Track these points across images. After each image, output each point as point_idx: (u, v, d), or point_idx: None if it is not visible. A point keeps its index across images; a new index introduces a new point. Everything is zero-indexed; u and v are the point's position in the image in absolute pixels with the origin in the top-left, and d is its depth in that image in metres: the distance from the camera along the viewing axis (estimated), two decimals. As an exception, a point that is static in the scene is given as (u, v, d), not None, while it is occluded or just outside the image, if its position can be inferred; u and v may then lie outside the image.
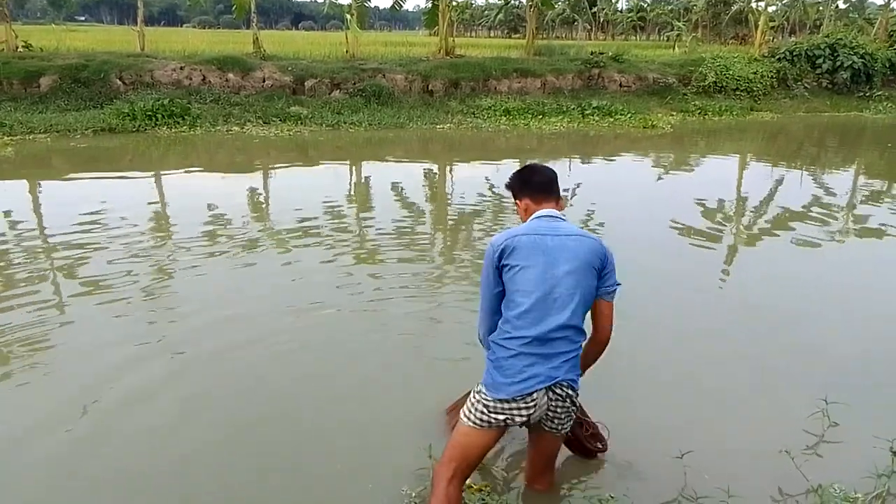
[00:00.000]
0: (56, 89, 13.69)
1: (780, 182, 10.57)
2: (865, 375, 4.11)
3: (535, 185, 2.77)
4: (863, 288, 5.72)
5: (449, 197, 9.13)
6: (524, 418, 2.52)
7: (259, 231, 6.93)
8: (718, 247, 6.86)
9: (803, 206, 8.62)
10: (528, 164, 2.92)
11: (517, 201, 2.82)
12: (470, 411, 2.58)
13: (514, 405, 2.49)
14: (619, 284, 2.67)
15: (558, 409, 2.55)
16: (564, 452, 3.09)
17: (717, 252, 6.69)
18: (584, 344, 2.62)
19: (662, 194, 9.54)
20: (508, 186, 2.86)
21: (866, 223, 7.96)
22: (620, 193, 9.33)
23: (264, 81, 15.39)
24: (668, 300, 5.26)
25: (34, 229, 6.85)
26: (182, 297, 5.12)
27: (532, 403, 2.49)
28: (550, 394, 2.51)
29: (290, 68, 15.77)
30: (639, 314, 4.81)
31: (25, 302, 4.91)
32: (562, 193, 2.82)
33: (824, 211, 8.46)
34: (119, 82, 14.23)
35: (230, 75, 15.18)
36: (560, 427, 2.62)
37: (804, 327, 4.84)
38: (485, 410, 2.52)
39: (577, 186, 9.60)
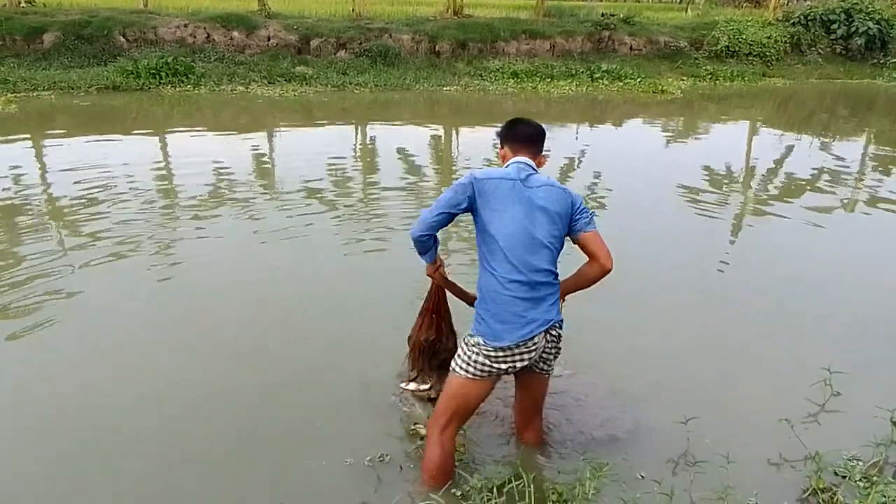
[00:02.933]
0: (59, 46, 13.52)
1: (789, 150, 10.46)
2: (869, 345, 4.13)
3: (516, 135, 2.82)
4: (870, 258, 5.70)
5: (454, 160, 9.07)
6: (525, 362, 2.62)
7: (263, 190, 6.92)
8: (724, 214, 6.82)
9: (812, 175, 8.55)
10: (518, 117, 2.95)
11: (500, 149, 2.89)
12: (468, 363, 2.63)
13: (517, 351, 2.58)
14: (594, 213, 2.73)
15: (553, 350, 2.71)
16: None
17: (722, 220, 6.65)
18: (581, 270, 2.73)
19: (670, 160, 9.45)
20: (497, 134, 2.92)
21: (876, 193, 7.89)
22: (628, 159, 9.25)
23: (269, 40, 15.17)
24: (673, 267, 5.26)
25: (39, 186, 6.85)
26: (185, 253, 5.16)
27: (534, 347, 2.60)
28: (547, 336, 2.63)
29: (295, 27, 15.53)
30: (643, 280, 4.82)
31: (32, 253, 4.94)
32: (544, 152, 2.85)
33: (833, 179, 8.38)
34: (122, 39, 14.05)
35: (234, 33, 14.96)
36: (550, 367, 2.77)
37: (809, 296, 4.85)
38: (486, 361, 2.59)
39: (585, 151, 9.51)
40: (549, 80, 15.48)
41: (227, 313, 4.27)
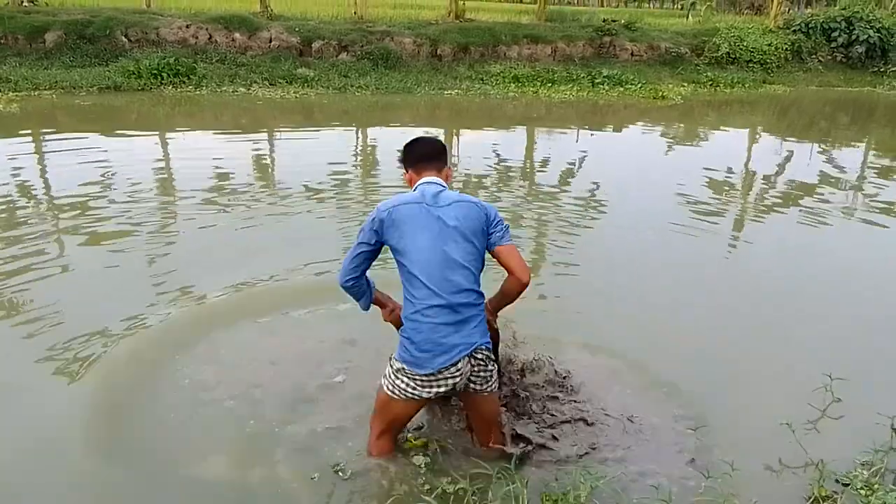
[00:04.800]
0: (61, 45, 13.52)
1: (789, 157, 10.48)
2: (869, 351, 4.13)
3: (416, 156, 2.80)
4: (870, 265, 5.70)
5: (455, 163, 9.08)
6: (450, 387, 2.60)
7: (262, 190, 6.93)
8: (725, 220, 6.82)
9: (811, 182, 8.56)
10: (415, 137, 2.95)
11: (405, 174, 2.85)
12: (394, 384, 2.62)
13: (440, 377, 2.55)
14: (507, 226, 2.68)
15: (481, 373, 2.64)
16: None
17: (722, 225, 6.65)
18: (502, 287, 2.70)
19: (670, 166, 9.46)
20: (399, 160, 2.89)
21: (875, 199, 7.89)
22: (627, 164, 9.26)
23: (271, 42, 15.18)
24: (671, 272, 5.26)
25: (39, 186, 6.85)
26: (183, 248, 5.18)
27: (458, 373, 2.57)
28: (472, 360, 2.59)
29: (297, 29, 15.55)
30: (641, 284, 4.83)
31: (31, 253, 4.94)
32: (450, 164, 2.85)
33: (833, 186, 8.40)
34: (125, 39, 14.06)
35: (236, 35, 14.97)
36: (488, 387, 2.70)
37: (809, 302, 4.84)
38: (410, 384, 2.58)
39: (585, 156, 9.53)
40: (550, 84, 15.50)
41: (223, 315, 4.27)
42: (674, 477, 2.88)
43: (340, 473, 2.81)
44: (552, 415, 3.21)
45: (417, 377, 2.56)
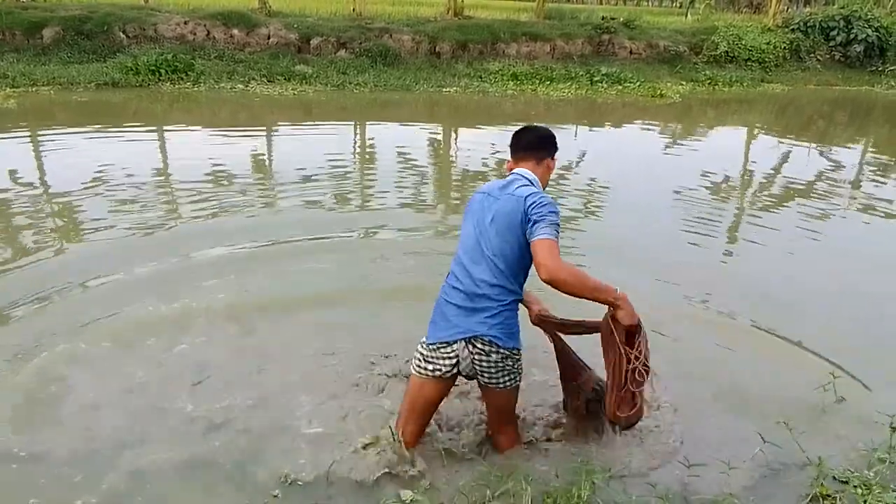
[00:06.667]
0: (59, 41, 13.49)
1: (787, 155, 10.48)
2: (866, 351, 4.13)
3: (514, 144, 2.86)
4: (869, 263, 5.71)
5: (453, 160, 9.08)
6: (449, 369, 2.64)
7: (261, 187, 6.92)
8: (722, 218, 6.82)
9: (809, 180, 8.58)
10: (525, 126, 2.95)
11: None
12: (414, 358, 2.75)
13: (437, 354, 2.64)
14: (547, 219, 2.47)
15: (483, 363, 2.61)
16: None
17: (720, 223, 6.65)
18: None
19: (667, 164, 9.46)
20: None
21: (873, 198, 7.90)
22: (625, 162, 9.25)
23: (269, 39, 15.16)
24: (669, 270, 5.25)
25: (37, 183, 6.83)
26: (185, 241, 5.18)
27: (453, 354, 2.62)
28: (471, 346, 2.60)
29: (295, 26, 15.52)
30: (639, 283, 4.82)
31: (29, 248, 4.93)
32: (554, 155, 2.84)
33: (831, 185, 8.41)
34: (122, 35, 14.02)
35: (235, 31, 14.95)
36: (495, 382, 2.66)
37: (809, 300, 4.84)
38: (418, 356, 2.71)
39: (583, 154, 9.52)
40: (548, 82, 15.49)
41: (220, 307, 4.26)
42: (673, 476, 2.88)
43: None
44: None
45: (423, 348, 2.68)
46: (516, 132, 2.87)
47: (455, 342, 2.60)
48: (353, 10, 17.36)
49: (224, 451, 2.93)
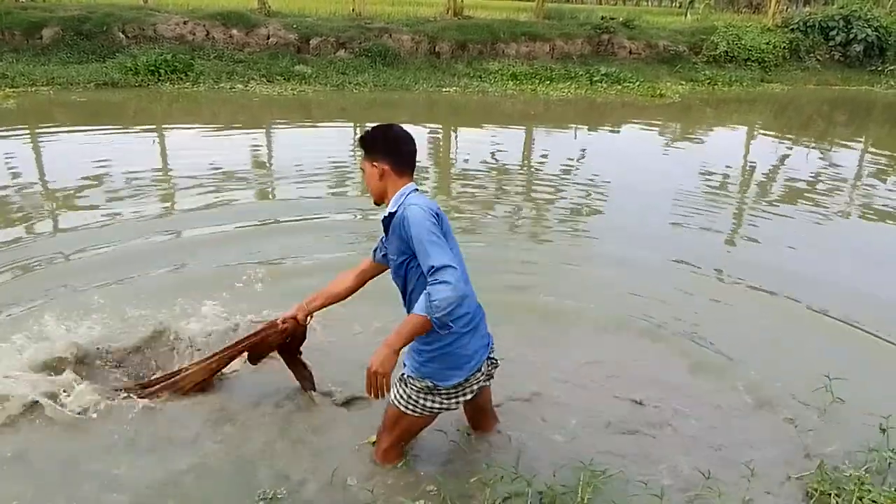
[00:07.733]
0: (58, 41, 13.50)
1: (786, 155, 10.48)
2: (867, 351, 4.12)
3: (405, 156, 2.47)
4: (867, 264, 5.71)
5: (453, 160, 9.08)
6: (475, 391, 2.63)
7: (260, 185, 6.93)
8: (721, 218, 6.81)
9: (809, 180, 8.57)
10: (391, 125, 2.54)
11: (372, 163, 2.46)
12: (422, 406, 2.55)
13: (466, 384, 2.57)
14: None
15: (490, 368, 2.72)
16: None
17: (719, 223, 6.64)
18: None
19: (667, 163, 9.46)
20: (366, 142, 2.49)
21: (873, 198, 7.89)
22: (625, 162, 9.25)
23: (269, 39, 15.16)
24: (668, 271, 5.25)
25: (36, 183, 6.83)
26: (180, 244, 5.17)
27: (480, 375, 2.61)
28: (487, 360, 2.66)
29: (294, 26, 15.53)
30: (638, 284, 4.83)
31: (27, 247, 4.93)
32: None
33: (831, 185, 8.41)
34: (122, 35, 14.03)
35: (234, 31, 14.96)
36: (491, 377, 2.75)
37: (808, 301, 4.83)
38: (439, 401, 2.56)
39: (582, 154, 9.53)
40: (548, 82, 15.50)
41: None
42: (673, 475, 2.88)
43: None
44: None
45: (445, 390, 2.55)
46: (396, 135, 2.50)
47: (482, 363, 2.61)
48: (353, 10, 17.38)
49: (224, 452, 2.93)
